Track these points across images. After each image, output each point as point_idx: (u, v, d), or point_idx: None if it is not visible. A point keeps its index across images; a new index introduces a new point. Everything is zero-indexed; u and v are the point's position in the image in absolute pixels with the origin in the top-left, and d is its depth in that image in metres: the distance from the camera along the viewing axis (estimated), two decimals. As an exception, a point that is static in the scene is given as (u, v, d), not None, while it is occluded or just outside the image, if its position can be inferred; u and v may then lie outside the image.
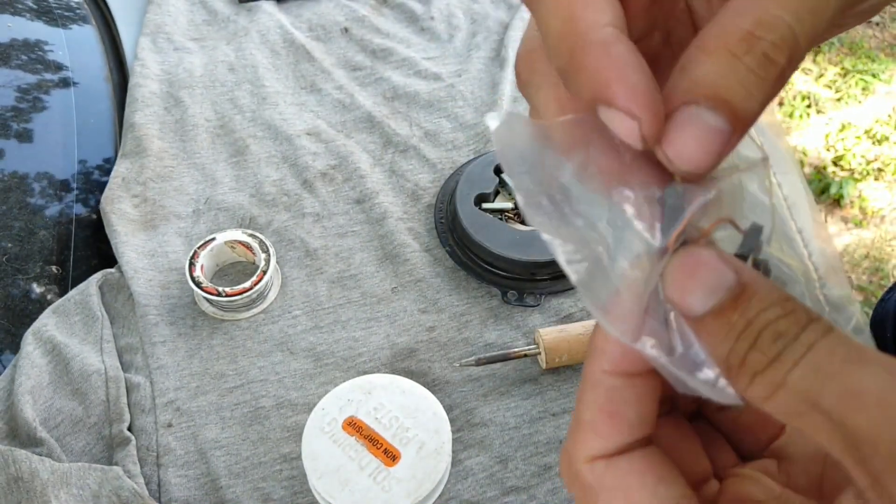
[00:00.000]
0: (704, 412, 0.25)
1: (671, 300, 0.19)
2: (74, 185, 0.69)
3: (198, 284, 0.60)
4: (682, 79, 0.19)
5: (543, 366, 0.59)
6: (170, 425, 0.57)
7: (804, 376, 0.17)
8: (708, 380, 0.19)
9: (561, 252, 0.20)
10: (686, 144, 0.18)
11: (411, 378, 0.56)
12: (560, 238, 0.20)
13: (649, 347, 0.20)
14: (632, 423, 0.20)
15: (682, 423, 0.23)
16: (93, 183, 0.71)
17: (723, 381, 0.19)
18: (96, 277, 0.63)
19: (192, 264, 0.61)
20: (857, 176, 1.83)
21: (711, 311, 0.19)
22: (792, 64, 0.18)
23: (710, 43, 0.18)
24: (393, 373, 0.58)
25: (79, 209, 0.68)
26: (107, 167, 0.72)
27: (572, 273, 0.20)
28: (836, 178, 1.82)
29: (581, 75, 0.19)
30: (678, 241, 0.20)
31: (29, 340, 0.58)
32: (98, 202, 0.68)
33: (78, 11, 0.85)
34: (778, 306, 0.18)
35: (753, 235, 0.20)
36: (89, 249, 0.66)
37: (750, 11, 0.18)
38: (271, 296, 0.64)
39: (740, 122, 0.18)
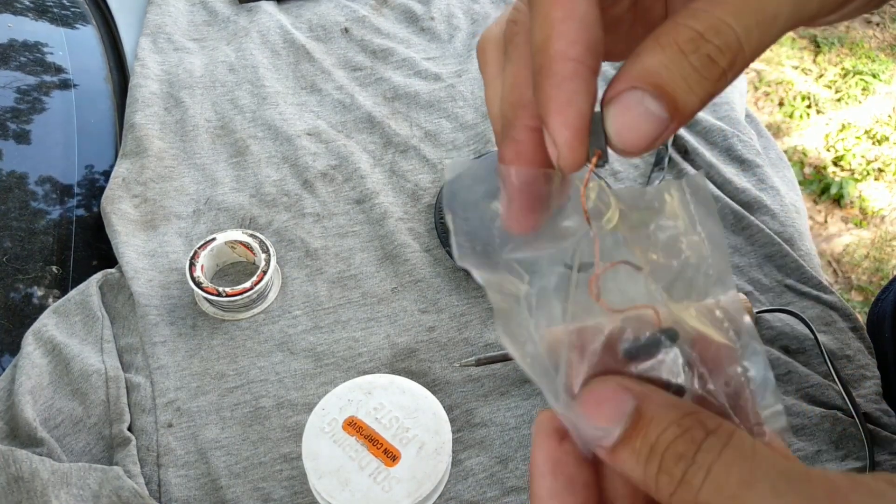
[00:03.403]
0: None
1: (583, 437, 0.21)
2: (75, 186, 0.69)
3: (198, 284, 0.60)
4: (633, 65, 0.21)
5: (543, 366, 0.59)
6: (170, 425, 0.57)
7: (710, 499, 0.19)
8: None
9: (489, 292, 0.23)
10: (625, 124, 0.21)
11: (411, 378, 0.56)
12: (486, 279, 0.23)
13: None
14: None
15: None
16: (93, 183, 0.71)
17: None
18: (96, 277, 0.63)
19: (192, 264, 0.61)
20: (857, 176, 1.83)
21: (619, 440, 0.20)
22: (734, 69, 0.20)
23: (664, 38, 0.20)
24: (393, 373, 0.58)
25: (79, 209, 0.68)
26: (107, 167, 0.72)
27: (496, 310, 0.22)
28: (837, 179, 1.82)
29: (538, 93, 0.22)
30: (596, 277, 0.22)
31: (29, 341, 0.58)
32: (98, 202, 0.68)
33: (78, 11, 0.85)
34: (675, 425, 0.20)
35: (652, 344, 0.22)
36: (89, 249, 0.67)
37: (704, 16, 0.20)
38: (271, 296, 0.64)
39: (678, 112, 0.20)
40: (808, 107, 1.97)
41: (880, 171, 1.84)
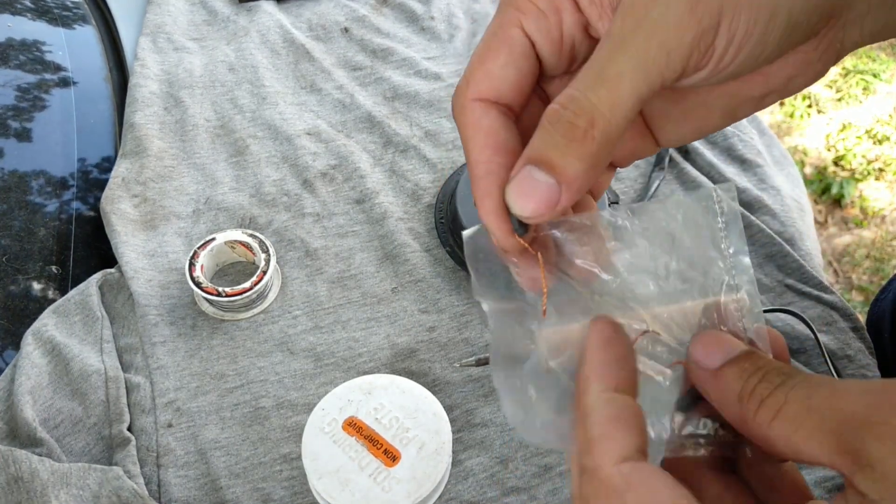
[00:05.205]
0: (741, 473, 0.29)
1: (695, 360, 0.27)
2: (74, 185, 0.69)
3: (198, 284, 0.60)
4: (525, 150, 0.25)
5: (544, 366, 0.59)
6: (170, 425, 0.57)
7: (802, 392, 0.24)
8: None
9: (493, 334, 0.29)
10: (520, 194, 0.25)
11: (411, 378, 0.56)
12: (494, 310, 0.29)
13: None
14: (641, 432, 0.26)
15: (733, 481, 0.28)
16: (93, 183, 0.71)
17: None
18: (96, 277, 0.63)
19: (192, 264, 0.61)
20: (857, 176, 1.83)
21: (727, 362, 0.26)
22: (597, 127, 0.24)
23: (540, 122, 0.25)
24: (393, 373, 0.58)
25: (79, 209, 0.68)
26: (107, 167, 0.72)
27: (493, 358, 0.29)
28: (837, 178, 1.82)
29: (474, 196, 0.27)
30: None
31: (29, 341, 0.58)
32: (98, 202, 0.68)
33: (78, 11, 0.85)
34: (778, 365, 0.25)
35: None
36: (89, 249, 0.66)
37: (563, 93, 0.24)
38: (271, 296, 0.64)
39: (563, 176, 0.24)
40: (809, 106, 1.97)
41: (881, 170, 1.84)
